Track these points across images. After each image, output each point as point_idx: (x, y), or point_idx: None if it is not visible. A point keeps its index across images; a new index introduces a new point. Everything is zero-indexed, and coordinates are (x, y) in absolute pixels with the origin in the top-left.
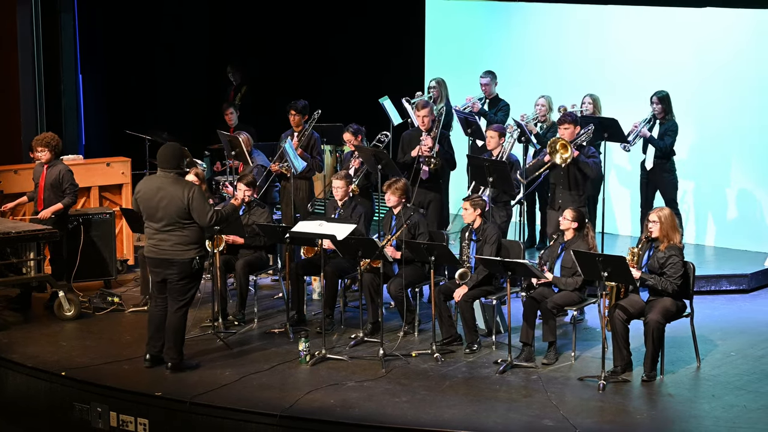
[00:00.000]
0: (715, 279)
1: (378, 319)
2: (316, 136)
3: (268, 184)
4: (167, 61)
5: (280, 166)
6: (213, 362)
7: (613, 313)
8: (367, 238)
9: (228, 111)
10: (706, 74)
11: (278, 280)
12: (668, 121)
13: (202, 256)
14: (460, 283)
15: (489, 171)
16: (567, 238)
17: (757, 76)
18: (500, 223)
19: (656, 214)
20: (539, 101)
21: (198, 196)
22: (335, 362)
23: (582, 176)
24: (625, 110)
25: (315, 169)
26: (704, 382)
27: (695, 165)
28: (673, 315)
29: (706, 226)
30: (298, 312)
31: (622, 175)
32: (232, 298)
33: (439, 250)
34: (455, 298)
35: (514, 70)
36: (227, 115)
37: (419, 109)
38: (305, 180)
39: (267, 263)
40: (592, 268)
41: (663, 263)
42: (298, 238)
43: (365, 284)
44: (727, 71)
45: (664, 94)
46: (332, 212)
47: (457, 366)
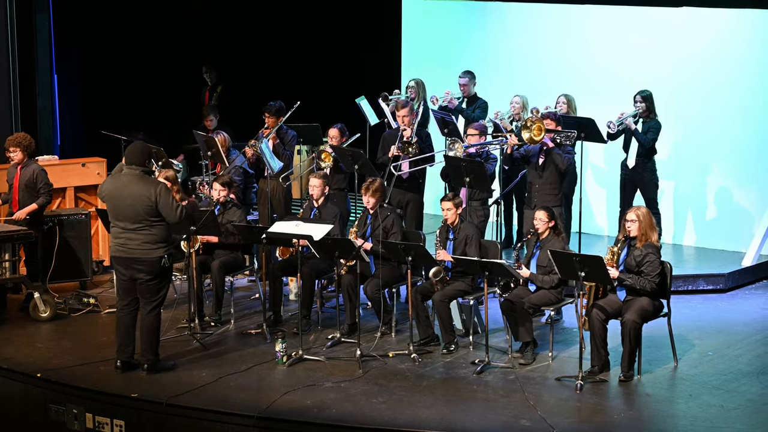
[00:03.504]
0: (693, 279)
1: (355, 320)
2: (292, 134)
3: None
4: (143, 61)
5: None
6: (189, 363)
7: (591, 313)
8: (344, 239)
9: (208, 118)
10: (685, 74)
11: (255, 281)
12: (651, 120)
13: (171, 254)
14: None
15: (466, 171)
16: (542, 236)
17: (735, 75)
18: (477, 223)
19: (634, 212)
20: (514, 100)
21: (164, 192)
22: (312, 363)
23: (558, 175)
24: (603, 111)
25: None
26: (681, 381)
27: (674, 165)
28: (650, 315)
29: (684, 226)
30: (275, 313)
31: (599, 175)
32: (208, 299)
33: (416, 251)
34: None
35: (491, 70)
36: (207, 121)
37: (399, 109)
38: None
39: (243, 264)
40: (569, 268)
41: (640, 261)
42: (275, 239)
43: (343, 285)
44: (705, 71)
45: (648, 93)
46: (309, 212)
47: (435, 366)
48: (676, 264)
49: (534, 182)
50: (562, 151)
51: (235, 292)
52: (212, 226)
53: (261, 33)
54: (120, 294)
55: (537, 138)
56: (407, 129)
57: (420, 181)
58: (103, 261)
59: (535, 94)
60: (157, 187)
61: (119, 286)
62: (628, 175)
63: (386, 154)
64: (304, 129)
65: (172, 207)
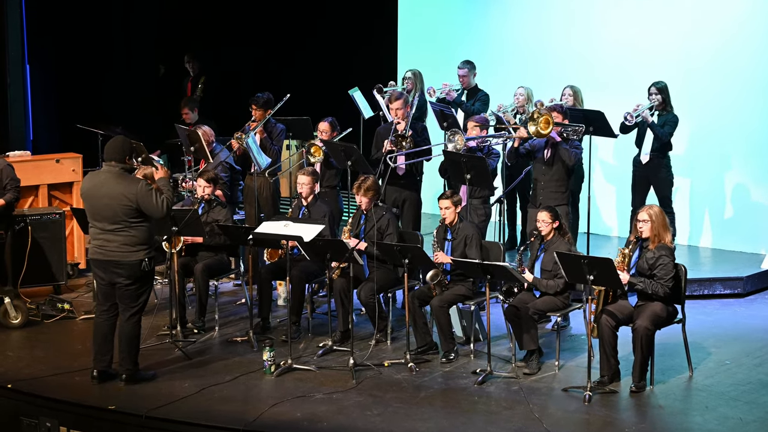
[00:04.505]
0: (709, 282)
1: (348, 327)
2: (281, 128)
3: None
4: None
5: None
6: (171, 373)
7: (600, 319)
8: (337, 240)
9: (184, 110)
10: (697, 61)
11: (241, 285)
12: (668, 113)
13: (152, 258)
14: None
15: (466, 167)
16: (546, 238)
17: (752, 64)
18: (478, 223)
19: (646, 212)
20: (518, 91)
21: (146, 191)
22: (302, 373)
23: (565, 171)
24: (611, 103)
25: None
26: (697, 392)
27: (689, 161)
28: (663, 321)
29: (699, 226)
30: (263, 319)
31: (608, 172)
32: (191, 305)
33: (413, 252)
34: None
35: (492, 60)
36: (185, 115)
37: (392, 101)
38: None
39: (228, 267)
40: (576, 271)
41: (652, 264)
42: (262, 240)
43: (335, 289)
44: (720, 60)
45: (663, 85)
46: (297, 211)
47: (433, 376)
48: (692, 267)
49: (539, 179)
50: (569, 145)
51: (220, 297)
52: (196, 225)
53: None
54: (98, 299)
55: (544, 131)
56: (401, 122)
57: (417, 178)
58: (78, 264)
59: (540, 86)
60: (138, 186)
61: (98, 291)
62: (642, 171)
63: (381, 150)
64: (294, 122)
65: (156, 203)
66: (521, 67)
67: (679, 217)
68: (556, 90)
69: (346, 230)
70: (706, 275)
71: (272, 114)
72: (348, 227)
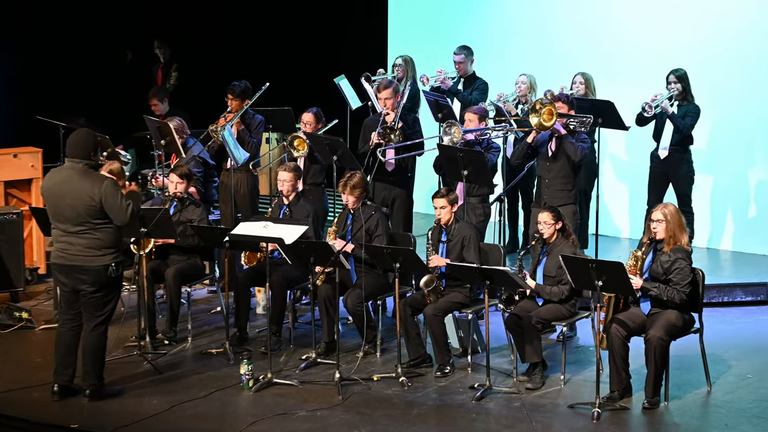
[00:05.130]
0: (729, 288)
1: (333, 337)
2: (260, 119)
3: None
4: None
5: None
6: (139, 388)
7: (610, 329)
8: (321, 242)
9: (153, 101)
10: (717, 48)
11: (216, 292)
12: (688, 103)
13: (120, 263)
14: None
15: (463, 162)
16: (549, 240)
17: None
18: (476, 224)
19: (660, 211)
20: (520, 79)
21: (111, 190)
22: (283, 388)
23: (571, 167)
24: (623, 93)
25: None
26: (716, 409)
27: (710, 156)
28: (679, 331)
29: (720, 227)
30: (240, 329)
31: (619, 168)
32: (161, 313)
33: (404, 255)
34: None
35: (491, 45)
36: (154, 106)
37: (381, 90)
38: (247, 174)
39: (202, 271)
40: (584, 277)
41: (667, 268)
42: (240, 242)
43: (319, 296)
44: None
45: (682, 72)
46: (278, 211)
47: (427, 392)
48: (710, 271)
49: (543, 176)
50: (575, 139)
51: (193, 305)
52: (167, 226)
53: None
54: (61, 307)
55: (547, 123)
56: (390, 113)
57: (408, 174)
58: (38, 268)
59: (544, 73)
60: (102, 184)
61: (61, 298)
62: (660, 167)
63: (368, 143)
64: (274, 114)
65: (120, 207)
66: (524, 53)
67: (698, 217)
68: (561, 79)
69: (332, 231)
70: (726, 280)
71: (250, 104)
72: (333, 228)
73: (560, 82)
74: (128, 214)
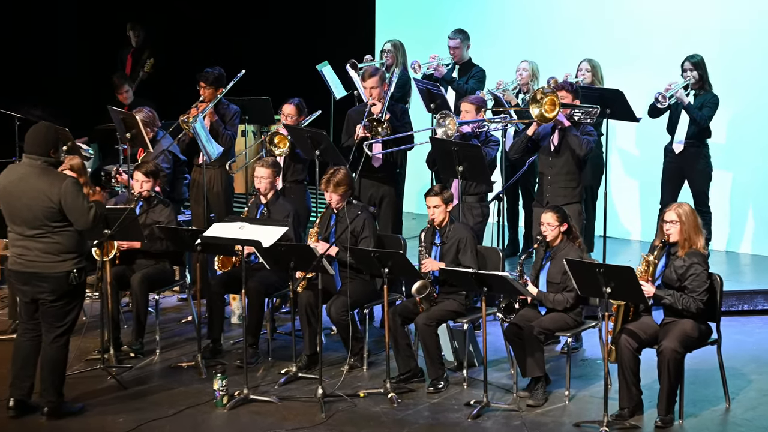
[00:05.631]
0: (750, 295)
1: (316, 350)
2: (235, 109)
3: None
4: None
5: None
6: (102, 405)
7: (619, 340)
8: (302, 245)
9: (122, 89)
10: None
11: (187, 299)
12: (706, 92)
13: (82, 269)
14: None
15: (458, 157)
16: (553, 244)
17: None
18: (473, 225)
19: (674, 211)
20: (521, 66)
21: (72, 190)
22: (261, 405)
23: (576, 163)
24: (633, 81)
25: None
26: (735, 427)
27: (727, 151)
28: (694, 342)
29: (740, 229)
30: (214, 341)
31: (629, 164)
32: (127, 323)
33: (394, 259)
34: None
35: (489, 29)
36: (121, 94)
37: (366, 78)
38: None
39: (172, 277)
40: (590, 283)
41: (682, 274)
42: (213, 245)
43: (300, 304)
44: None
45: (699, 59)
46: (255, 210)
47: (418, 409)
48: (729, 277)
49: (545, 172)
50: (580, 131)
51: (162, 314)
52: (132, 228)
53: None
54: (21, 316)
55: (549, 115)
56: (376, 103)
57: (397, 170)
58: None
59: (547, 60)
60: (63, 184)
61: (20, 307)
62: (675, 162)
63: (352, 137)
64: (251, 104)
65: (82, 208)
66: (525, 37)
67: (716, 217)
68: (566, 65)
69: (314, 233)
70: (746, 287)
71: (225, 93)
72: (316, 229)
73: (565, 70)
74: (90, 217)
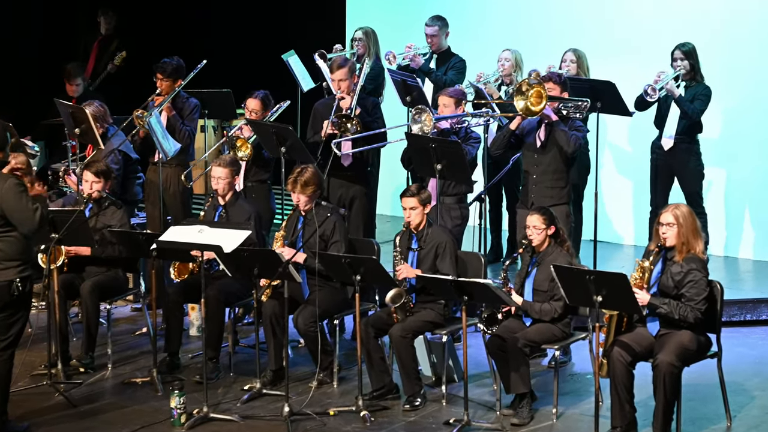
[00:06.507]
0: (752, 304)
1: (282, 364)
2: (194, 103)
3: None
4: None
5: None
6: (49, 425)
7: (611, 353)
8: (267, 250)
9: (74, 81)
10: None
11: (141, 310)
12: (697, 83)
13: (27, 277)
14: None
15: (436, 155)
16: (539, 248)
17: None
18: (452, 228)
19: (671, 212)
20: (503, 55)
21: (14, 191)
22: (222, 424)
23: (564, 161)
24: (623, 73)
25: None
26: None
27: (721, 148)
28: (693, 355)
29: (738, 231)
30: (171, 354)
31: (621, 161)
32: (76, 335)
33: (366, 265)
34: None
35: (470, 16)
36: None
37: (335, 70)
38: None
39: (125, 286)
40: (580, 291)
41: (680, 281)
42: (169, 251)
43: (264, 315)
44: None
45: (690, 47)
46: (212, 213)
47: (393, 428)
48: (730, 284)
49: (530, 171)
50: (568, 127)
51: (114, 326)
52: (82, 232)
53: None
54: None
55: (536, 108)
56: (345, 97)
57: (369, 169)
58: None
59: (531, 49)
60: (4, 185)
61: None
62: (664, 160)
63: (319, 133)
64: (211, 97)
65: (26, 211)
66: (507, 25)
67: (713, 219)
68: (552, 55)
69: (279, 237)
70: (748, 295)
71: (183, 86)
72: (281, 233)
73: (551, 59)
74: (37, 219)
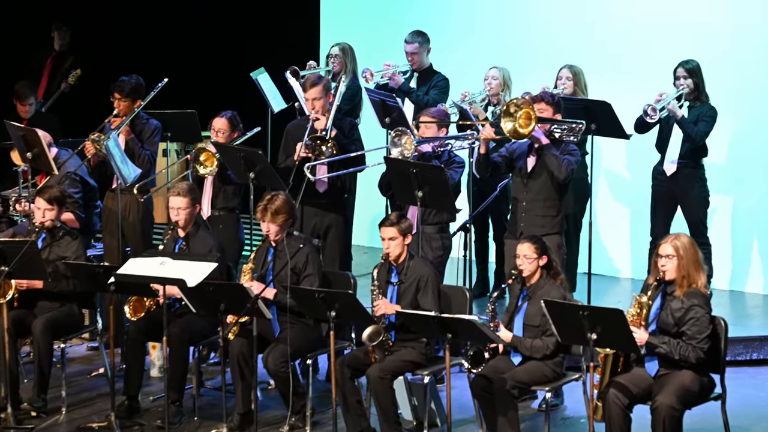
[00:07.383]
0: (759, 342)
1: (250, 407)
2: (155, 125)
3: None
4: None
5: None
6: None
7: (607, 395)
8: (234, 284)
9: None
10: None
11: (98, 348)
12: (702, 104)
13: None
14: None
15: (417, 181)
16: (530, 280)
17: None
18: (434, 259)
19: (671, 243)
20: (490, 74)
21: None
22: None
23: (555, 187)
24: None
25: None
26: None
27: (731, 173)
28: (694, 397)
29: (744, 264)
30: (130, 398)
31: (618, 188)
32: (27, 376)
33: (342, 301)
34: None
35: (454, 31)
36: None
37: (308, 88)
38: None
39: (81, 322)
40: (573, 328)
41: (680, 318)
42: (129, 285)
43: (231, 354)
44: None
45: (695, 65)
46: (172, 245)
47: None
48: (735, 320)
49: (519, 198)
50: (561, 150)
51: (69, 366)
52: (34, 264)
53: None
54: None
55: (524, 131)
56: (320, 118)
57: (345, 195)
58: None
59: (521, 67)
60: None
61: None
62: (666, 186)
63: (291, 156)
64: (174, 118)
65: None
66: (494, 41)
67: (718, 251)
68: (543, 74)
69: (248, 270)
70: (755, 332)
71: (143, 106)
72: (250, 266)
73: (540, 78)
74: None
